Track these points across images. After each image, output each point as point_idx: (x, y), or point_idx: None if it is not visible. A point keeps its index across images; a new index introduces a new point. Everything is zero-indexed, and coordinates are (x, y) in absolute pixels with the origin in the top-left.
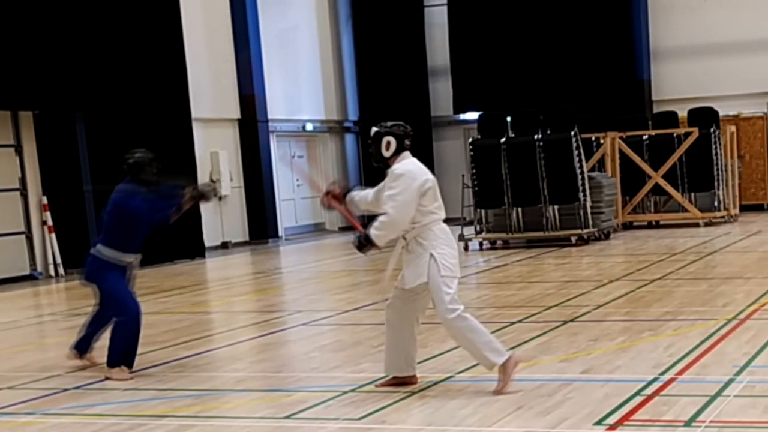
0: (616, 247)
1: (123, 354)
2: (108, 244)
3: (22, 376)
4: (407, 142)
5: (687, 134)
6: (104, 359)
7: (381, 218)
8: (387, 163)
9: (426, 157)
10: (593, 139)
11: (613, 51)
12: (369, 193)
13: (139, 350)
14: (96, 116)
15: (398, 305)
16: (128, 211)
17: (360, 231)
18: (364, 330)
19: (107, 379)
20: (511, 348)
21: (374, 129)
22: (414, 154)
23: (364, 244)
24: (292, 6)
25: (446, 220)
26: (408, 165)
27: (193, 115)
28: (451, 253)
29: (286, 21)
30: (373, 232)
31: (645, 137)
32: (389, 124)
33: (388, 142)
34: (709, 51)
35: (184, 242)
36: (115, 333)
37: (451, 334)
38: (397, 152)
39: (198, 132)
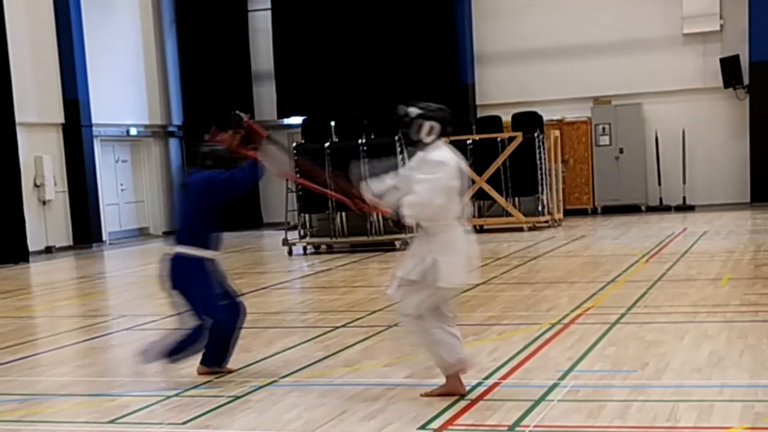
0: None
1: (216, 357)
2: (187, 242)
3: None
4: (449, 129)
5: (511, 139)
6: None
7: (411, 197)
8: (422, 147)
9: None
10: None
11: (437, 55)
12: (390, 182)
13: None
14: None
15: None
16: (204, 189)
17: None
18: None
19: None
20: (336, 352)
21: (415, 110)
22: (238, 159)
23: (398, 220)
24: (116, 10)
25: (270, 225)
26: (446, 153)
27: (17, 119)
28: (458, 261)
29: (110, 25)
30: (404, 211)
31: (469, 142)
32: (433, 107)
33: (431, 127)
34: (533, 55)
35: (7, 246)
36: (212, 335)
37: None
38: (437, 138)
39: (22, 136)
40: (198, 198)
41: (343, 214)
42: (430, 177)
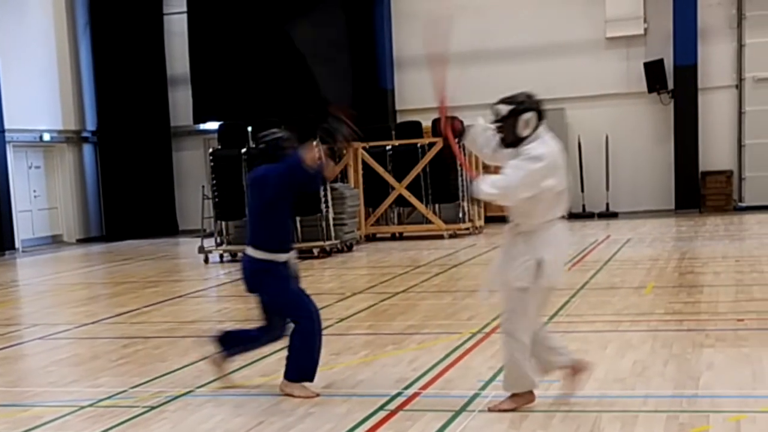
0: (359, 259)
1: (302, 367)
2: (257, 245)
3: None
4: (544, 114)
5: (431, 144)
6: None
7: (497, 177)
8: (520, 143)
9: (165, 168)
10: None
11: (356, 60)
12: (491, 135)
13: None
14: None
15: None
16: (268, 187)
17: (472, 176)
18: (102, 344)
19: (287, 395)
20: (253, 362)
21: (505, 107)
22: (153, 165)
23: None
24: (28, 13)
25: (186, 232)
26: (546, 147)
27: None
28: (561, 258)
29: (23, 28)
30: (482, 186)
31: (388, 147)
32: (520, 96)
33: (527, 121)
34: (453, 60)
35: None
36: (293, 341)
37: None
38: (536, 128)
39: None
40: (260, 193)
41: None
42: (525, 166)
